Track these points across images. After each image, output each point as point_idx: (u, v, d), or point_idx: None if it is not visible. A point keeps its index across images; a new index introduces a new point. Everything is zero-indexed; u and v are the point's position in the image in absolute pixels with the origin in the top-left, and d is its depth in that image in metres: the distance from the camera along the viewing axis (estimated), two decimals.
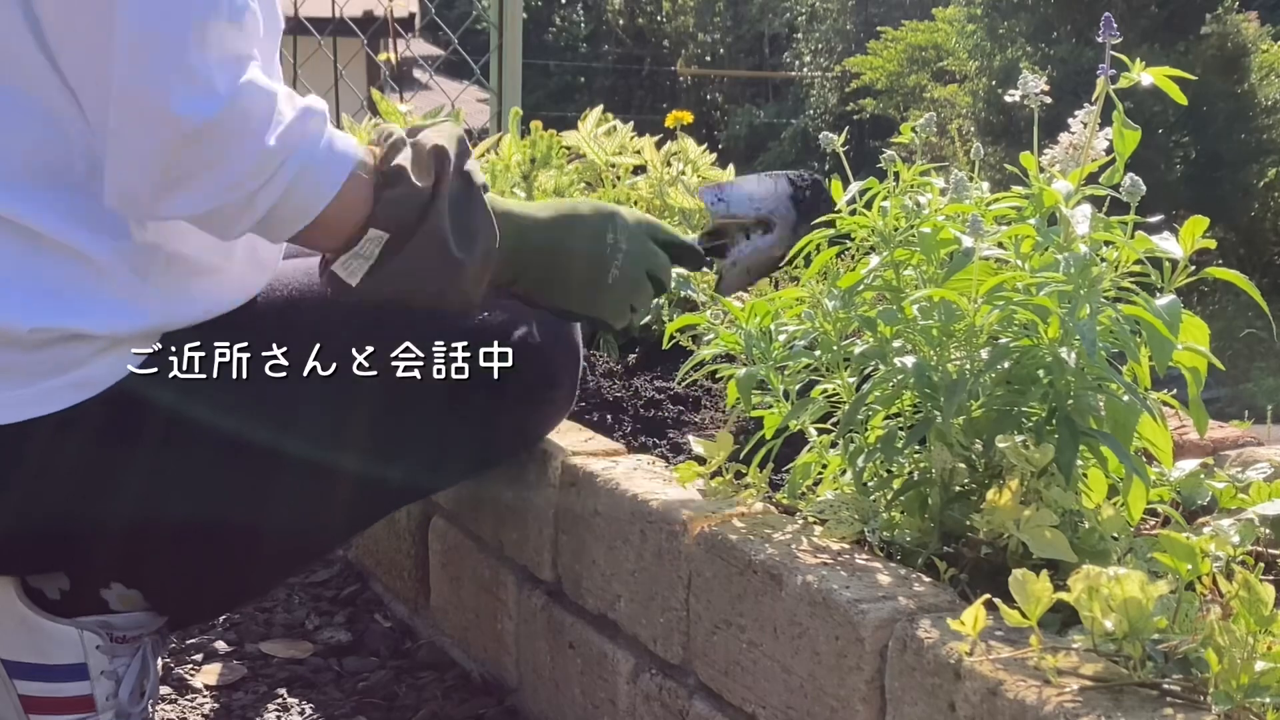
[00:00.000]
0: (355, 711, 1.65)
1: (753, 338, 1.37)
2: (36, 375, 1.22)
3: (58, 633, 1.37)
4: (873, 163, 1.39)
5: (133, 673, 1.42)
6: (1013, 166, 1.33)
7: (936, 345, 1.22)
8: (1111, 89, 1.23)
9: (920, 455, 1.23)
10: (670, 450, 1.63)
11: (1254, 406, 2.75)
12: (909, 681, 1.02)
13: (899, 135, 1.40)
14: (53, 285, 1.22)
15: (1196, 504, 1.32)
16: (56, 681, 1.38)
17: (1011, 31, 9.86)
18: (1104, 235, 1.20)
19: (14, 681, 1.37)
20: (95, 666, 1.38)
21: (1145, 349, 1.17)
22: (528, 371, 1.41)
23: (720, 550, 1.24)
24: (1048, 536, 1.09)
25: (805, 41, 17.65)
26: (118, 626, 1.40)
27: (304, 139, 1.17)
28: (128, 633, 1.40)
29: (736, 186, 1.54)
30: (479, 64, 3.15)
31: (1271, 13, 10.69)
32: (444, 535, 1.78)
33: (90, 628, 1.38)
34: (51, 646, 1.37)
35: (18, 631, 1.37)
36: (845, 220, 1.32)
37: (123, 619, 1.40)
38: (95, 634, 1.38)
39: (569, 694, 1.50)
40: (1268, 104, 9.78)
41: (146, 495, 1.31)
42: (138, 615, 1.41)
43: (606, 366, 1.97)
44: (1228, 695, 0.87)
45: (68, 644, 1.37)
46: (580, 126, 2.34)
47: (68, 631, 1.37)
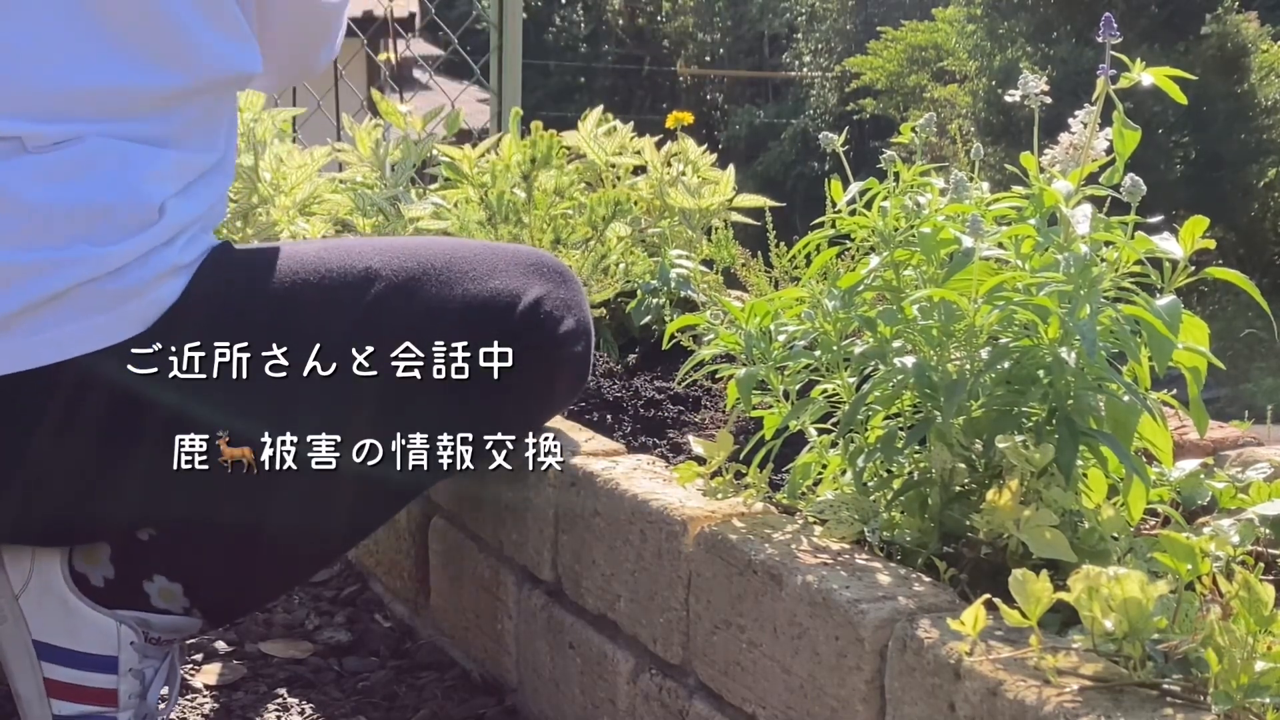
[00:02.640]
0: (355, 711, 1.65)
1: (753, 338, 1.37)
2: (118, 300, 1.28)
3: (97, 621, 1.38)
4: (873, 163, 1.39)
5: (160, 677, 1.43)
6: (1013, 166, 1.33)
7: (936, 345, 1.22)
8: (1111, 89, 1.23)
9: (920, 455, 1.23)
10: (670, 450, 1.63)
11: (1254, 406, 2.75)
12: (909, 681, 1.02)
13: (899, 135, 1.40)
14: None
15: (1196, 504, 1.32)
16: (85, 670, 1.38)
17: (1011, 31, 9.85)
18: (1104, 235, 1.20)
19: (42, 663, 1.38)
20: (125, 663, 1.39)
21: (1145, 349, 1.18)
22: (552, 328, 1.42)
23: (720, 550, 1.24)
24: (1048, 536, 1.09)
25: (805, 41, 17.64)
26: (155, 627, 1.41)
27: None
28: (163, 634, 1.41)
29: None
30: (479, 64, 3.15)
31: (1271, 13, 10.68)
32: (444, 535, 1.78)
33: (129, 623, 1.39)
34: (88, 634, 1.38)
35: (56, 612, 1.37)
36: (845, 220, 1.32)
37: (161, 620, 1.41)
38: (132, 630, 1.39)
39: (569, 694, 1.50)
40: (1268, 104, 9.77)
41: (192, 488, 1.32)
42: (176, 619, 1.42)
43: (606, 366, 1.97)
44: (1228, 695, 0.87)
45: (104, 634, 1.38)
46: (580, 127, 2.34)
47: (107, 622, 1.38)
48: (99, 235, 1.28)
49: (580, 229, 2.08)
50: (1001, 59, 9.45)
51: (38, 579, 1.37)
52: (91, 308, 1.27)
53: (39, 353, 1.26)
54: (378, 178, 2.36)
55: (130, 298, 1.29)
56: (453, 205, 2.12)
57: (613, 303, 2.10)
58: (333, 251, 1.42)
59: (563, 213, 2.11)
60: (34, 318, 1.26)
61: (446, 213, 2.10)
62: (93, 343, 1.28)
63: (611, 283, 2.07)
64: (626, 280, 2.10)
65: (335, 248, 1.43)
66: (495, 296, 1.41)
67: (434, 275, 1.41)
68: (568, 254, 2.07)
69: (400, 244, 1.45)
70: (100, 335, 1.28)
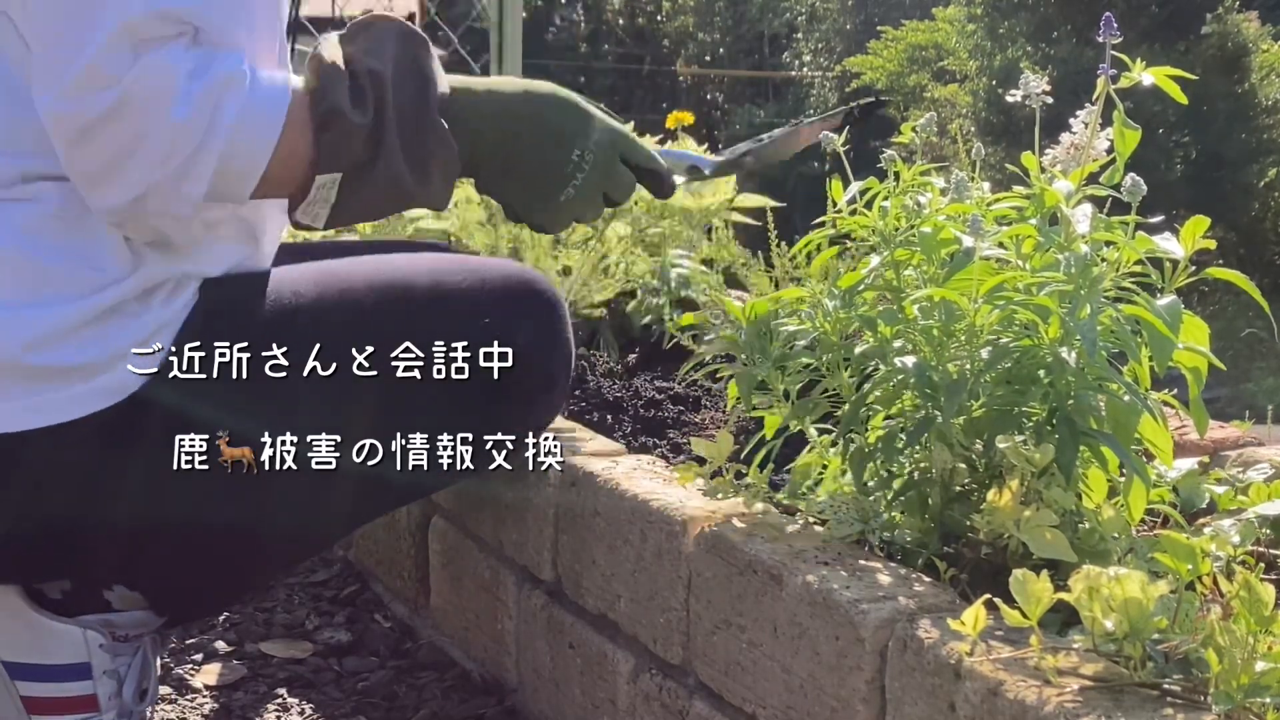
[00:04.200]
0: (355, 711, 1.65)
1: (753, 338, 1.37)
2: (38, 381, 1.22)
3: (61, 632, 1.37)
4: (873, 163, 1.39)
5: (134, 672, 1.41)
6: (1013, 166, 1.33)
7: (937, 345, 1.22)
8: (1112, 89, 1.23)
9: (920, 455, 1.23)
10: (670, 450, 1.63)
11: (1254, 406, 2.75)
12: (909, 682, 1.02)
13: (899, 135, 1.40)
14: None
15: (1197, 506, 1.32)
16: (59, 681, 1.38)
17: (1012, 31, 9.84)
18: (1105, 235, 1.19)
19: (15, 683, 1.37)
20: (98, 666, 1.38)
21: (1145, 349, 1.17)
22: (525, 375, 1.40)
23: (720, 550, 1.23)
24: (1048, 537, 1.09)
25: (805, 41, 17.63)
26: (120, 625, 1.39)
27: (226, 92, 1.17)
28: (129, 631, 1.40)
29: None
30: (479, 64, 3.15)
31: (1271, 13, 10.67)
32: (444, 535, 1.78)
33: (93, 626, 1.38)
34: (54, 646, 1.37)
35: (20, 632, 1.36)
36: (845, 220, 1.32)
37: (124, 618, 1.40)
38: (98, 633, 1.38)
39: (569, 694, 1.50)
40: (1268, 104, 9.76)
41: (146, 498, 1.31)
42: (139, 614, 1.41)
43: (606, 366, 1.97)
44: (1228, 695, 0.87)
45: (71, 643, 1.37)
46: None
47: (71, 631, 1.37)
48: (52, 294, 1.23)
49: (580, 229, 2.08)
50: (1002, 59, 9.45)
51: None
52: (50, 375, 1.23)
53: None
54: None
55: (100, 369, 1.25)
56: (453, 205, 2.12)
57: (613, 303, 2.10)
58: (327, 287, 1.38)
59: None
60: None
61: (446, 213, 2.10)
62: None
63: (611, 283, 2.07)
64: (626, 280, 2.10)
65: (327, 280, 1.39)
66: (480, 340, 1.38)
67: (423, 311, 1.39)
68: (568, 254, 2.07)
69: (388, 271, 1.42)
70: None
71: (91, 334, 1.24)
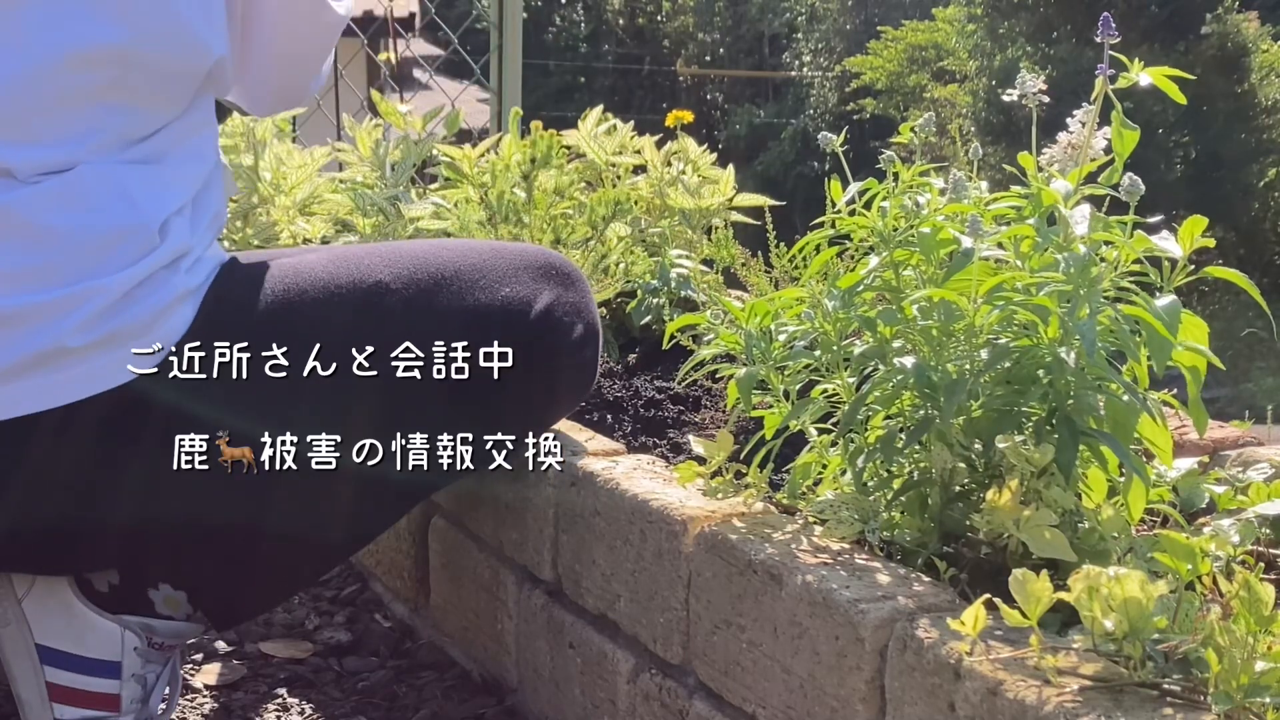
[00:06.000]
0: (355, 711, 1.65)
1: (753, 338, 1.37)
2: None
3: (100, 626, 1.38)
4: (872, 163, 1.39)
5: (162, 682, 1.43)
6: (1012, 166, 1.33)
7: (936, 345, 1.22)
8: (1110, 89, 1.23)
9: (920, 455, 1.23)
10: (670, 450, 1.63)
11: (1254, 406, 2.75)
12: (909, 681, 1.02)
13: (899, 135, 1.40)
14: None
15: (1196, 506, 1.32)
16: (88, 675, 1.38)
17: (1011, 31, 9.84)
18: (1103, 235, 1.19)
19: (44, 667, 1.38)
20: (129, 668, 1.39)
21: (1145, 349, 1.17)
22: (552, 338, 1.42)
23: (720, 550, 1.24)
24: (1048, 536, 1.09)
25: (805, 41, 17.63)
26: (158, 632, 1.41)
27: None
28: (166, 640, 1.41)
29: None
30: (479, 64, 3.15)
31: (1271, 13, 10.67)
32: (444, 535, 1.78)
33: (133, 628, 1.39)
34: (91, 639, 1.38)
35: (60, 618, 1.37)
36: (845, 220, 1.32)
37: (165, 625, 1.41)
38: (136, 635, 1.39)
39: (569, 694, 1.50)
40: (1268, 104, 9.76)
41: (193, 493, 1.32)
42: (179, 624, 1.42)
43: (606, 366, 1.97)
44: (1228, 695, 0.87)
45: (108, 639, 1.38)
46: (580, 126, 2.33)
47: (111, 627, 1.38)
48: (106, 264, 1.26)
49: (580, 229, 2.08)
50: (1001, 59, 9.45)
51: (42, 582, 1.36)
52: (104, 344, 1.26)
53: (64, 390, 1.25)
54: (378, 177, 2.36)
55: (142, 332, 1.28)
56: (453, 205, 2.12)
57: (613, 303, 2.10)
58: (341, 265, 1.41)
59: (563, 212, 2.11)
60: (52, 361, 1.24)
61: (446, 213, 2.10)
62: (110, 380, 1.27)
63: (611, 282, 2.07)
64: (626, 280, 2.10)
65: (343, 260, 1.42)
66: (506, 305, 1.41)
67: (444, 285, 1.41)
68: (568, 254, 2.06)
69: (408, 253, 1.44)
70: (115, 374, 1.27)
71: (140, 294, 1.28)
